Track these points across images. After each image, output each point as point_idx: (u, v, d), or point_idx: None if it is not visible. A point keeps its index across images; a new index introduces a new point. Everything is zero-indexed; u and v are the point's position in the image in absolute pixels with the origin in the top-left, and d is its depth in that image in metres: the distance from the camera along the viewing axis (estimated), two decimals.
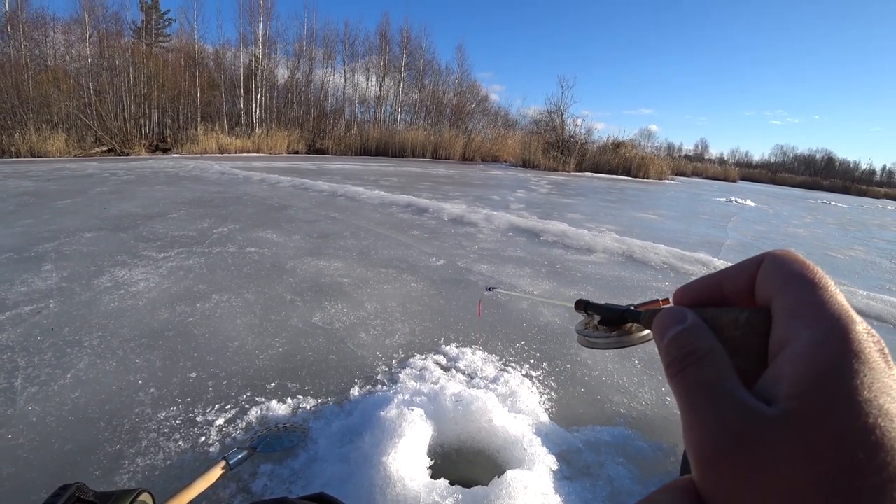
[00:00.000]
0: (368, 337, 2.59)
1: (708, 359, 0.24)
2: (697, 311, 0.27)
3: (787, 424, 0.21)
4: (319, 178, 11.29)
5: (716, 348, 0.25)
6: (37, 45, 22.92)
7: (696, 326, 0.26)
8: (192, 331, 2.55)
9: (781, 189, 36.25)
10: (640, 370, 2.40)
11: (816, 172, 62.83)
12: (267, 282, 3.41)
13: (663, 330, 0.27)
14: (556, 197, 11.12)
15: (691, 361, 0.24)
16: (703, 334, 0.25)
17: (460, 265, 4.12)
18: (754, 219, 10.71)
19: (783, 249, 0.26)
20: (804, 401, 0.21)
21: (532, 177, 18.64)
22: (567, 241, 5.31)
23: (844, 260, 6.23)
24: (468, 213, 6.59)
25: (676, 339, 0.26)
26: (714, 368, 0.24)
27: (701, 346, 0.25)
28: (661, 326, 0.27)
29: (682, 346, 0.25)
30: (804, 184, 51.10)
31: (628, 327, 0.36)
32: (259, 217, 5.89)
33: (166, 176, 10.98)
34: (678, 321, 0.26)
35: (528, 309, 3.15)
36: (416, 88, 36.61)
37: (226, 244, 4.43)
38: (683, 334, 0.26)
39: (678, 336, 0.26)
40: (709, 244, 6.24)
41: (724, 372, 0.24)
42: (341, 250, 4.41)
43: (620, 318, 0.36)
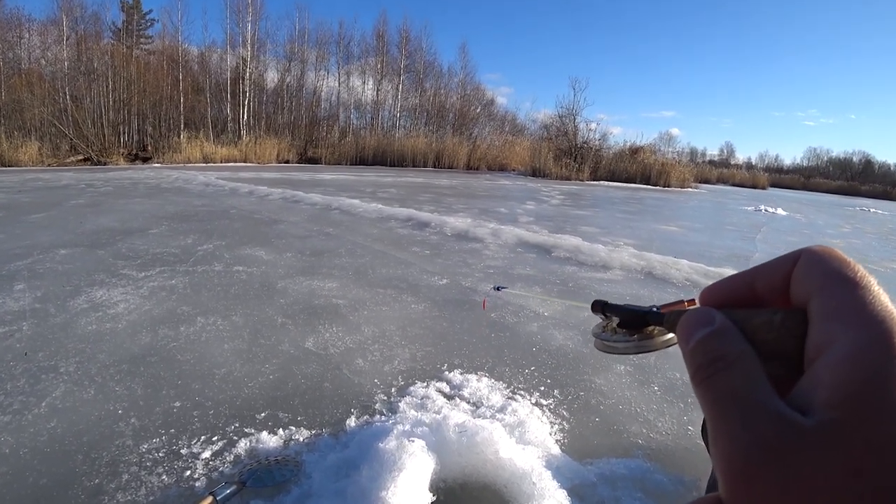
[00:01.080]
0: (366, 363, 2.63)
1: (738, 364, 0.24)
2: (726, 313, 0.27)
3: (825, 436, 0.20)
4: (312, 190, 11.40)
5: (746, 353, 0.25)
6: (10, 47, 23.42)
7: (724, 329, 0.26)
8: (175, 356, 2.60)
9: (815, 196, 36.32)
10: (660, 397, 2.42)
11: (854, 177, 62.80)
12: (256, 303, 3.45)
13: (689, 333, 0.27)
14: (568, 208, 11.19)
15: (719, 367, 0.24)
16: (733, 338, 0.25)
17: (465, 284, 4.16)
18: (786, 229, 10.73)
19: (821, 245, 0.26)
20: (844, 410, 0.21)
21: (542, 186, 18.78)
22: (581, 256, 5.35)
23: (886, 273, 6.24)
24: (473, 227, 6.65)
25: (703, 343, 0.26)
26: (745, 375, 0.24)
27: (730, 350, 0.25)
28: (686, 329, 0.27)
29: (710, 351, 0.25)
30: (840, 189, 51.12)
31: (650, 330, 0.37)
32: (247, 233, 5.97)
33: (147, 187, 11.13)
34: (705, 323, 0.26)
35: (538, 332, 3.18)
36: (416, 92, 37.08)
37: (211, 262, 4.50)
38: (711, 338, 0.26)
39: (705, 339, 0.26)
40: (736, 258, 6.27)
41: (755, 379, 0.23)
42: (336, 269, 4.47)
43: (641, 320, 0.37)
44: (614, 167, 28.11)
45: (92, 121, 23.11)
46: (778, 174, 62.31)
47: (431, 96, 37.40)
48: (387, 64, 36.68)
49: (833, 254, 0.25)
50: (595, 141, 29.38)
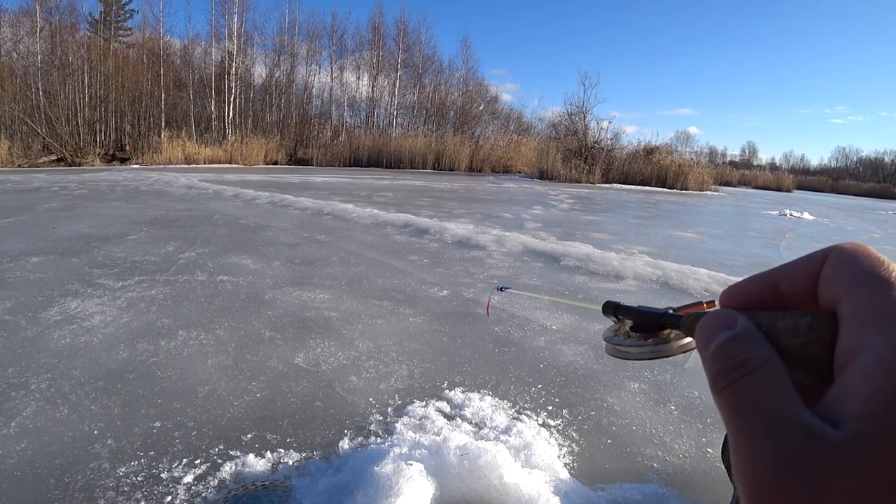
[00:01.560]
0: (360, 380, 2.64)
1: (761, 371, 0.24)
2: (748, 315, 0.27)
3: (857, 449, 0.20)
4: (302, 194, 11.44)
5: (771, 359, 0.24)
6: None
7: (747, 333, 0.26)
8: (155, 373, 2.60)
9: (845, 199, 36.38)
10: (677, 417, 2.43)
11: (886, 178, 62.84)
12: (242, 316, 3.47)
13: (708, 337, 0.26)
14: (578, 213, 11.22)
15: (741, 374, 0.24)
16: (756, 342, 0.25)
17: (466, 296, 4.17)
18: (813, 235, 10.76)
19: (852, 242, 0.26)
20: (878, 422, 0.20)
21: (550, 190, 18.84)
22: (592, 266, 5.37)
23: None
24: (476, 234, 6.67)
25: (724, 348, 0.25)
26: (769, 383, 0.23)
27: (753, 356, 0.25)
28: (705, 333, 0.27)
29: (731, 357, 0.25)
30: (872, 192, 51.13)
31: (666, 334, 0.37)
32: (232, 239, 5.99)
33: (125, 190, 11.17)
34: (726, 326, 0.26)
35: (545, 347, 3.19)
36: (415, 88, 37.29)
37: (194, 271, 4.51)
38: (732, 342, 0.25)
39: (726, 344, 0.26)
40: (759, 266, 6.23)
41: (780, 387, 0.23)
42: (328, 279, 4.48)
43: (657, 323, 0.37)
44: (628, 169, 28.20)
45: (66, 118, 23.23)
46: (804, 176, 62.46)
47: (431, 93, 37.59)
48: (383, 58, 36.91)
49: (865, 252, 0.25)
50: (607, 141, 29.47)
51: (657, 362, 3.04)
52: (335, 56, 36.76)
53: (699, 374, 2.86)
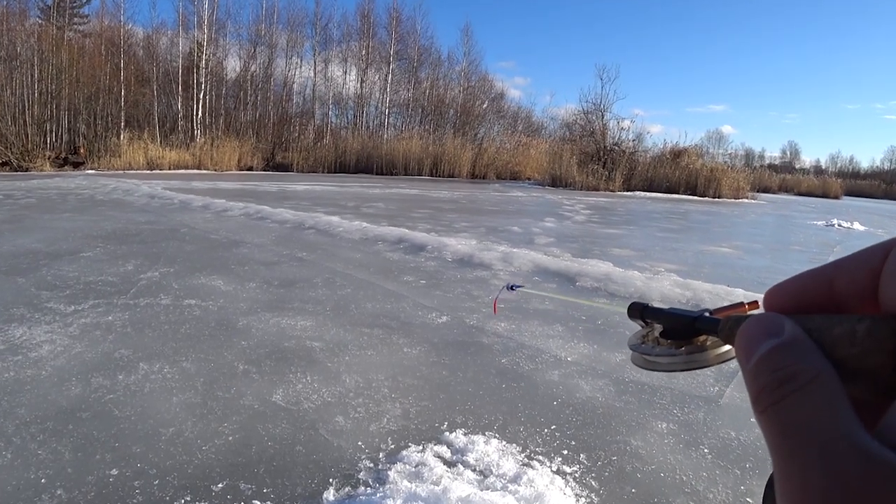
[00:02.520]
0: (347, 421, 2.63)
1: (813, 387, 0.23)
2: (797, 320, 0.26)
3: None
4: (281, 205, 11.49)
5: (824, 372, 0.24)
6: None
7: (796, 341, 0.25)
8: (112, 412, 2.60)
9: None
10: (711, 462, 2.42)
11: None
12: (212, 346, 3.47)
13: (751, 345, 0.26)
14: (596, 226, 11.27)
15: (790, 390, 0.24)
16: (807, 352, 0.25)
17: (469, 323, 4.18)
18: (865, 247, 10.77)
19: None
20: None
21: (565, 199, 18.92)
22: (612, 286, 5.38)
23: None
24: (479, 251, 6.69)
25: (769, 359, 0.25)
26: (822, 400, 0.23)
27: (803, 368, 0.24)
28: (747, 340, 0.26)
29: (777, 369, 0.25)
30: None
31: (701, 341, 0.36)
32: (201, 257, 6.01)
33: (78, 200, 11.22)
34: (771, 333, 0.26)
35: (559, 381, 3.19)
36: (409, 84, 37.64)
37: (157, 294, 4.52)
38: (779, 352, 0.25)
39: (772, 354, 0.25)
40: None
41: (835, 405, 0.23)
42: (310, 303, 4.49)
43: (690, 327, 0.36)
44: (652, 174, 28.35)
45: (12, 117, 23.38)
46: (853, 180, 62.73)
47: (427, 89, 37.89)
48: (373, 50, 37.27)
49: None
50: (628, 142, 29.68)
51: (686, 385, 3.04)
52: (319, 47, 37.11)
53: (736, 412, 2.87)
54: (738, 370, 2.23)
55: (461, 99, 38.38)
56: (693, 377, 3.26)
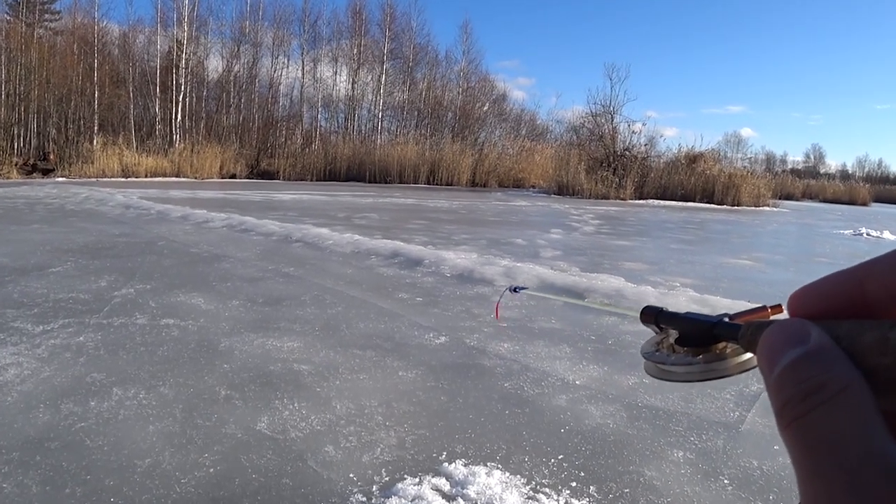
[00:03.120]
0: (338, 451, 2.63)
1: (842, 399, 0.23)
2: (825, 326, 0.26)
3: None
4: (266, 215, 11.51)
5: (854, 383, 0.24)
6: None
7: (823, 349, 0.25)
8: (83, 441, 2.60)
9: None
10: (732, 493, 2.42)
11: None
12: (192, 369, 3.47)
13: (774, 354, 0.26)
14: (606, 238, 11.29)
15: (816, 403, 0.23)
16: (835, 361, 0.25)
17: (469, 344, 4.18)
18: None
19: None
20: None
21: (572, 208, 18.97)
22: (623, 304, 5.39)
23: None
24: (480, 265, 6.71)
25: (794, 369, 0.25)
26: (851, 413, 0.23)
27: (831, 379, 0.24)
28: (770, 349, 0.26)
29: (803, 380, 0.24)
30: None
31: (720, 348, 0.36)
32: (180, 273, 6.02)
33: (47, 210, 11.23)
34: (797, 341, 0.26)
35: (567, 407, 3.19)
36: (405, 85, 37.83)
37: (132, 313, 4.52)
38: (805, 361, 0.25)
39: (797, 364, 0.25)
40: None
41: (867, 420, 0.23)
42: (298, 323, 4.49)
43: (709, 334, 0.36)
44: (666, 181, 28.46)
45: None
46: (883, 185, 62.92)
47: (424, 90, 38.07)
48: (365, 48, 37.49)
49: None
50: (640, 147, 29.81)
51: (704, 410, 3.04)
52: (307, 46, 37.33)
53: (759, 439, 2.87)
54: (760, 393, 2.23)
55: (460, 101, 38.57)
56: (712, 401, 3.26)
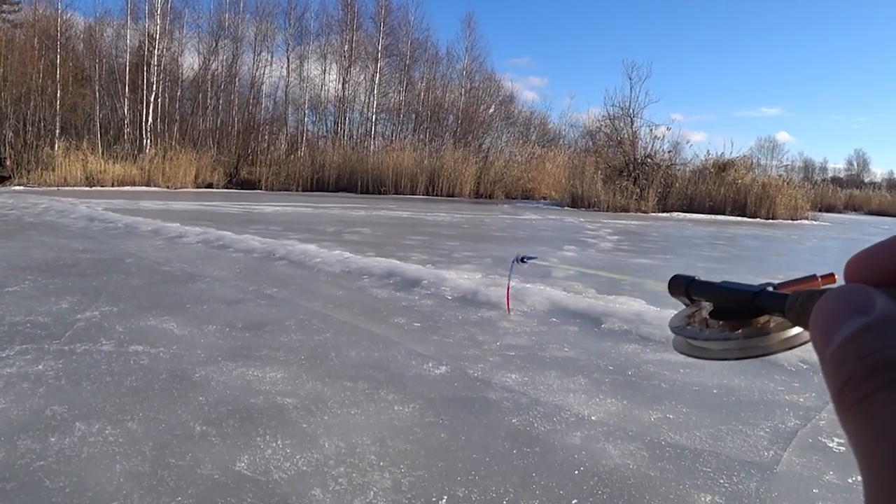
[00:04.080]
0: (326, 494, 2.63)
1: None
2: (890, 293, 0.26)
3: None
4: (247, 230, 11.54)
5: None
6: None
7: (889, 319, 0.24)
8: (42, 482, 2.60)
9: None
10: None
11: None
12: (163, 402, 3.47)
13: (830, 326, 0.25)
14: (626, 255, 11.31)
15: (884, 382, 0.23)
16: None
17: (472, 374, 4.19)
18: None
19: None
20: None
21: (587, 222, 18.99)
22: (645, 329, 5.39)
23: None
24: (485, 286, 6.72)
25: (855, 343, 0.24)
26: None
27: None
28: (825, 320, 0.26)
29: (866, 355, 0.24)
30: None
31: (763, 322, 0.36)
32: (150, 294, 6.03)
33: (2, 222, 11.26)
34: (857, 310, 0.25)
35: (582, 445, 3.19)
36: (401, 85, 38.03)
37: (97, 338, 4.53)
38: (867, 333, 0.24)
39: (858, 336, 0.24)
40: None
41: None
42: (282, 351, 4.50)
43: (749, 306, 0.36)
44: (692, 191, 28.54)
45: None
46: None
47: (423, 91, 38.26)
48: (358, 44, 37.74)
49: None
50: (663, 154, 29.86)
51: (735, 448, 3.03)
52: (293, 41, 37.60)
53: (796, 482, 2.86)
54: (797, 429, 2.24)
55: (463, 102, 38.74)
56: (743, 438, 3.26)
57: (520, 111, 44.28)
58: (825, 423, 3.49)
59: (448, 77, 39.99)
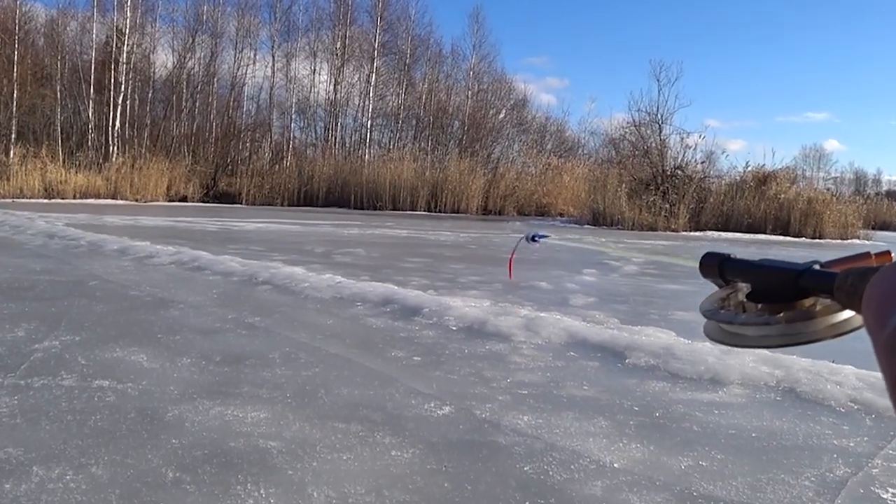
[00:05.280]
0: None
1: None
2: None
3: None
4: (226, 250, 11.56)
5: None
6: None
7: None
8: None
9: None
10: None
11: None
12: (131, 444, 3.48)
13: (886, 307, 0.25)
14: (653, 280, 11.32)
15: None
16: None
17: (480, 415, 4.19)
18: None
19: None
20: None
21: (610, 242, 18.90)
22: (673, 365, 5.39)
23: None
24: (494, 315, 6.72)
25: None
26: None
27: None
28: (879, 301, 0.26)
29: None
30: None
31: (808, 305, 0.36)
32: (117, 322, 6.06)
33: None
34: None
35: (602, 496, 3.19)
36: (400, 87, 38.12)
37: (58, 372, 4.54)
38: None
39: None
40: None
41: None
42: (265, 388, 4.51)
43: (793, 287, 0.36)
44: (729, 207, 28.51)
45: None
46: None
47: (424, 93, 38.36)
48: (352, 41, 37.87)
49: None
50: (696, 165, 29.85)
51: (775, 501, 3.02)
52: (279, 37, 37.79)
53: None
54: (847, 479, 2.26)
55: (469, 107, 38.74)
56: (785, 489, 3.26)
57: (534, 116, 44.33)
58: (878, 470, 3.49)
59: (453, 78, 40.23)
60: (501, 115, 40.69)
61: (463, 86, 39.63)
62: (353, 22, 38.08)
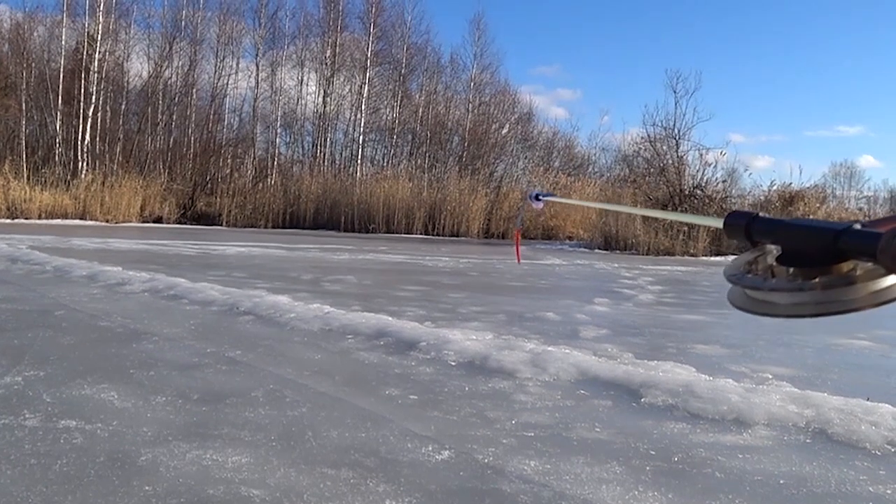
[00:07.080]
0: None
1: None
2: None
3: None
4: (204, 276, 11.58)
5: None
6: None
7: None
8: None
9: None
10: None
11: None
12: (101, 491, 3.47)
13: None
14: (670, 311, 11.32)
15: None
16: None
17: (482, 460, 4.18)
18: None
19: None
20: None
21: (623, 268, 18.96)
22: (693, 404, 5.39)
23: None
24: (497, 350, 6.73)
25: None
26: None
27: None
28: None
29: None
30: None
31: (847, 269, 0.36)
32: (85, 356, 6.06)
33: None
34: None
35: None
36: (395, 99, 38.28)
37: (20, 411, 4.54)
38: None
39: None
40: None
41: None
42: (247, 429, 4.50)
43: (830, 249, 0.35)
44: None
45: None
46: None
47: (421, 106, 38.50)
48: (343, 49, 38.08)
49: None
50: (716, 184, 29.91)
51: None
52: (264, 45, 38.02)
53: None
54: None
55: (470, 121, 38.80)
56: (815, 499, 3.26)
57: (540, 132, 44.45)
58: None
59: (452, 90, 40.35)
60: (505, 130, 40.82)
61: (463, 98, 39.81)
62: (344, 29, 38.42)
